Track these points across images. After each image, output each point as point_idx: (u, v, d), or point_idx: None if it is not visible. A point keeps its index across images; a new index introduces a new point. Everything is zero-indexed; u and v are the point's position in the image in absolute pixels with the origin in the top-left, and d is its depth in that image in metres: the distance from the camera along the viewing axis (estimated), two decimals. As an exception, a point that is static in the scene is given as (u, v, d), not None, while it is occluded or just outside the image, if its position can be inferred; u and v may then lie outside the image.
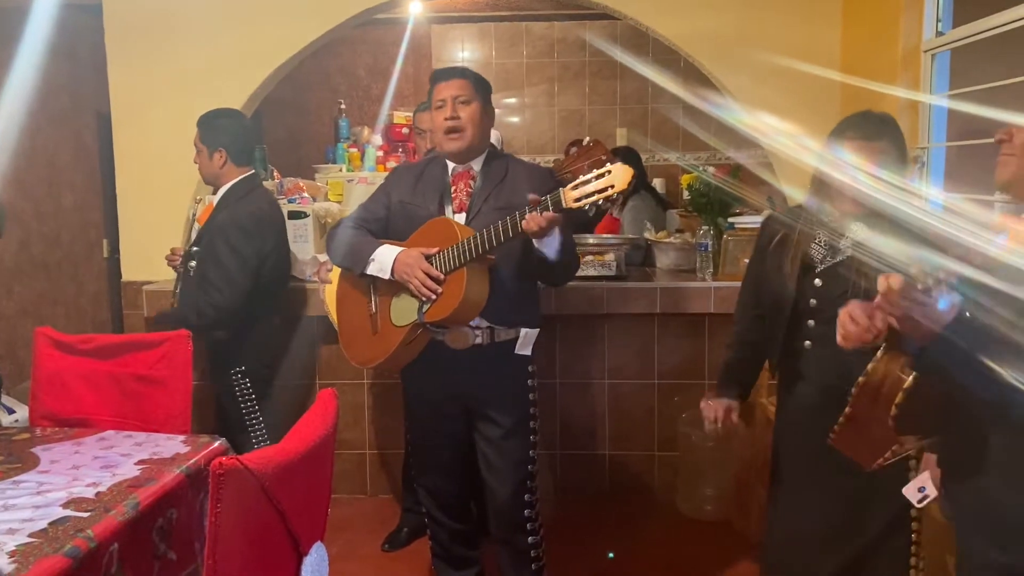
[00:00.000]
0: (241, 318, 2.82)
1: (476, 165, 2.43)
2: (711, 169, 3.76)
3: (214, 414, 2.98)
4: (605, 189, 2.02)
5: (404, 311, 2.37)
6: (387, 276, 2.33)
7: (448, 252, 2.24)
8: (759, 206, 3.63)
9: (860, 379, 1.49)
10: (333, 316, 2.90)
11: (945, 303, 1.31)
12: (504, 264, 2.32)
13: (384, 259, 2.34)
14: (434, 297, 2.25)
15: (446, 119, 2.35)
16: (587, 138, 3.12)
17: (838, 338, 1.56)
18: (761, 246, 2.18)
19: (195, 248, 2.91)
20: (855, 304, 1.53)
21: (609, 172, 2.02)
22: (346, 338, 2.59)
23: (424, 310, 2.29)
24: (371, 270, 2.37)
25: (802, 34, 3.35)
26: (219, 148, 2.88)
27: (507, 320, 2.37)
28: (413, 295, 2.31)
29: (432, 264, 2.27)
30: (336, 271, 2.93)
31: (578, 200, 2.06)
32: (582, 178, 2.06)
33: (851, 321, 1.52)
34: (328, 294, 2.95)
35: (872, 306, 1.46)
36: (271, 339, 3.01)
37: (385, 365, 2.45)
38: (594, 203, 2.06)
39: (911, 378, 1.39)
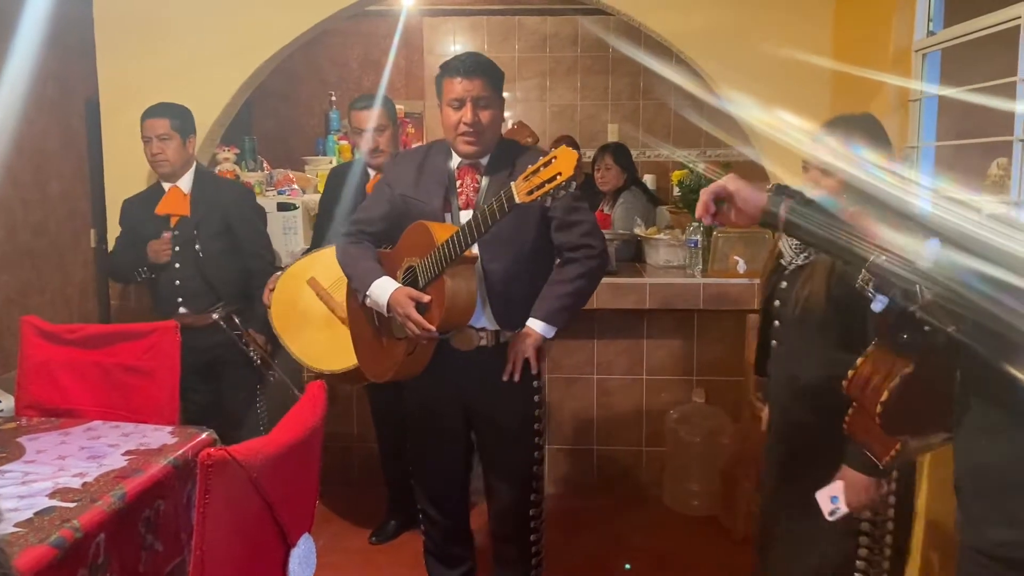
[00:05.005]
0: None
1: (484, 159, 2.31)
2: (702, 165, 3.77)
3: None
4: (553, 178, 1.88)
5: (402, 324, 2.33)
6: (385, 312, 2.27)
7: (427, 261, 2.18)
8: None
9: (850, 372, 1.50)
10: (281, 337, 2.87)
11: (879, 305, 1.36)
12: (515, 266, 2.26)
13: (379, 297, 2.26)
14: (425, 342, 2.22)
15: (464, 123, 2.21)
16: (511, 120, 3.09)
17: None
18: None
19: (195, 231, 2.97)
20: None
21: (554, 159, 1.88)
22: (360, 353, 2.52)
23: None
24: (369, 303, 2.31)
25: (793, 33, 3.35)
26: (191, 136, 3.03)
27: (516, 323, 2.30)
28: None
29: (418, 277, 2.21)
30: (276, 292, 2.92)
31: (530, 193, 1.92)
32: (530, 168, 1.93)
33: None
34: (274, 317, 2.91)
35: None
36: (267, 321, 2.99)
37: (397, 377, 2.36)
38: (546, 194, 1.91)
39: (899, 377, 1.38)
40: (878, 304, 1.35)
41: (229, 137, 3.97)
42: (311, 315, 2.86)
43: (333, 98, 5.23)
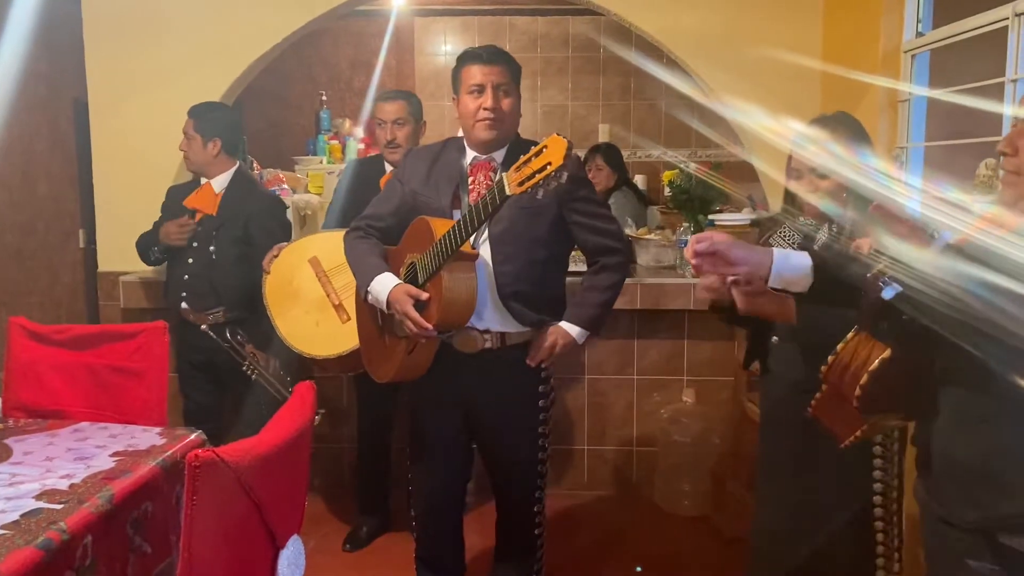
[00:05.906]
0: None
1: (499, 156, 2.27)
2: (692, 165, 3.78)
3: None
4: (543, 167, 1.83)
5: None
6: (385, 309, 2.24)
7: (426, 257, 2.15)
8: (740, 203, 3.65)
9: (830, 357, 1.52)
10: (270, 310, 2.85)
11: (890, 291, 1.36)
12: (527, 268, 2.22)
13: (379, 293, 2.22)
14: (423, 341, 2.19)
15: (485, 108, 2.19)
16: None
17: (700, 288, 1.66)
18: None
19: (215, 232, 2.95)
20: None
21: (545, 148, 1.84)
22: (366, 355, 2.47)
23: None
24: (370, 300, 2.28)
25: (783, 33, 3.36)
26: (214, 138, 2.97)
27: (527, 319, 2.25)
28: None
29: (418, 274, 2.18)
30: (277, 262, 2.88)
31: (521, 184, 1.88)
32: (522, 158, 1.89)
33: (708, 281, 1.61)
34: (267, 286, 2.88)
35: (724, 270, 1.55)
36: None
37: (400, 377, 2.31)
38: (537, 184, 1.86)
39: (877, 361, 1.41)
40: (889, 291, 1.36)
41: (219, 137, 3.94)
42: (303, 294, 2.84)
43: (324, 98, 5.22)
